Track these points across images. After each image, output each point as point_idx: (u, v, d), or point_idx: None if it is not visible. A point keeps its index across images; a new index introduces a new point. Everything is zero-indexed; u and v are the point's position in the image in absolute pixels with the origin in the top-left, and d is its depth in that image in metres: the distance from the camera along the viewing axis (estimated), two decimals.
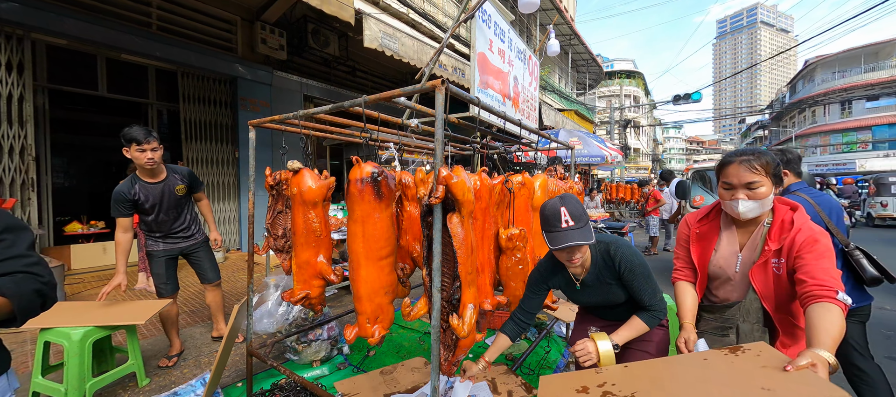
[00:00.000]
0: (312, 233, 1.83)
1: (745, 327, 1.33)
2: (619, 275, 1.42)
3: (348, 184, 1.55)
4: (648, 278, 1.41)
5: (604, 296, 1.49)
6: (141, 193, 2.53)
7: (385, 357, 2.90)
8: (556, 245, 1.31)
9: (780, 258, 1.26)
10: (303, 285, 1.84)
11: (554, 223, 1.33)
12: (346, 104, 1.64)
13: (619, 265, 1.41)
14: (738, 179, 1.29)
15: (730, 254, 1.37)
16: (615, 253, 1.43)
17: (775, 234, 1.28)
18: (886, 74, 24.71)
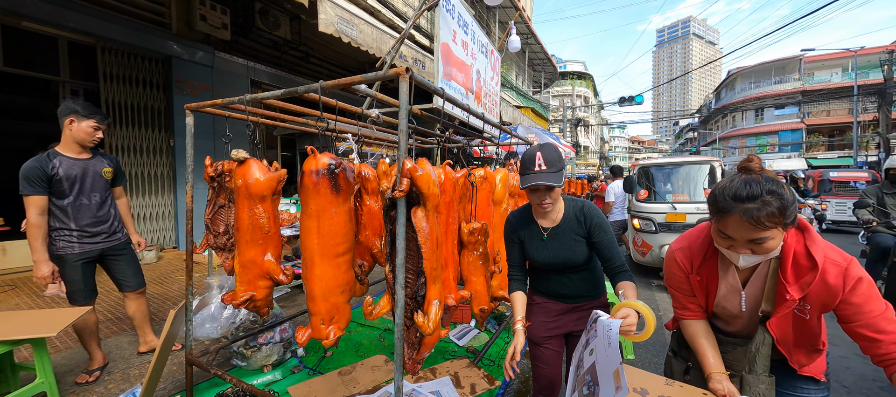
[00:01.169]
0: (259, 229, 1.68)
1: (751, 378, 1.12)
2: (589, 232, 1.49)
3: (302, 176, 1.44)
4: (614, 240, 1.51)
5: (568, 251, 1.51)
6: (61, 168, 2.20)
7: (343, 357, 2.79)
8: (526, 184, 1.40)
9: (804, 305, 1.04)
10: (247, 286, 1.69)
11: (528, 166, 1.41)
12: (300, 89, 1.52)
13: (589, 221, 1.49)
14: (741, 236, 1.01)
15: (732, 293, 1.16)
16: (588, 211, 1.52)
17: (791, 276, 1.04)
18: (790, 87, 28.48)
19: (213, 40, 5.84)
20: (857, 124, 18.35)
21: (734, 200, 1.00)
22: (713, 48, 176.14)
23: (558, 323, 1.62)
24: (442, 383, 1.91)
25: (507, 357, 1.38)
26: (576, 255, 1.52)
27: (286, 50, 7.06)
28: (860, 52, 20.37)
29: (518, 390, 2.48)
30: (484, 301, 1.86)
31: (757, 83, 31.23)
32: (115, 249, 2.45)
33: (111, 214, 2.45)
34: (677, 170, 5.29)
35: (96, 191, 2.37)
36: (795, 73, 29.16)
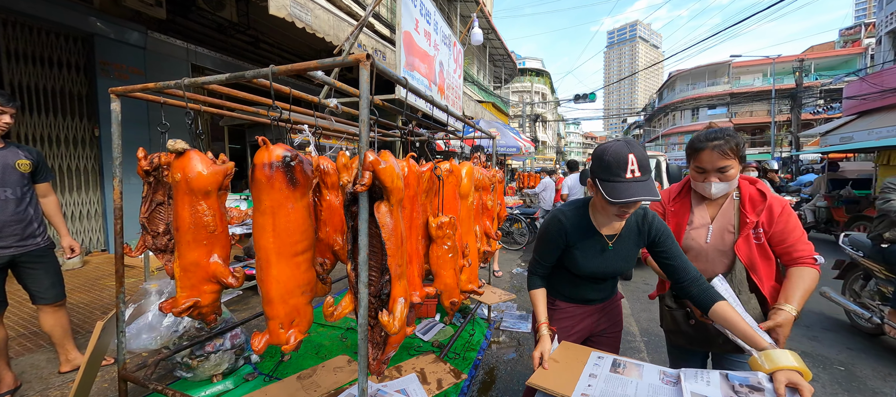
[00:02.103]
0: (203, 228, 1.52)
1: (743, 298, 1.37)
2: (651, 241, 1.33)
3: (253, 170, 1.32)
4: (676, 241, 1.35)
5: (624, 262, 1.37)
6: None
7: (303, 360, 2.65)
8: (620, 198, 1.11)
9: (758, 228, 1.37)
10: (189, 292, 1.53)
11: (618, 172, 1.13)
12: (248, 74, 1.38)
13: (651, 229, 1.32)
14: (712, 164, 1.35)
15: (701, 226, 1.45)
16: (651, 217, 1.34)
17: (750, 208, 1.39)
18: (721, 89, 31.52)
19: (146, 18, 5.24)
20: (774, 124, 20.78)
21: (706, 140, 1.38)
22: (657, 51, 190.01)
23: (582, 326, 1.49)
24: (408, 381, 1.87)
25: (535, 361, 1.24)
26: (629, 265, 1.37)
27: (233, 34, 6.53)
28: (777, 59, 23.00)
29: (484, 381, 2.51)
30: (454, 294, 1.84)
31: (693, 85, 34.20)
32: (32, 256, 2.13)
33: (28, 215, 2.12)
34: None
35: (7, 187, 2.05)
36: (725, 77, 32.31)
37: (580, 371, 1.17)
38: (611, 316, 1.53)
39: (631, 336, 3.26)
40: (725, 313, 1.16)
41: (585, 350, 1.30)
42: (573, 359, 1.24)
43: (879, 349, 3.02)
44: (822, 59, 29.58)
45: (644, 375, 1.12)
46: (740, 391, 0.98)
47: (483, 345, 2.96)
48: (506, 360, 2.78)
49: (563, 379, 1.14)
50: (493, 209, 2.81)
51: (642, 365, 1.17)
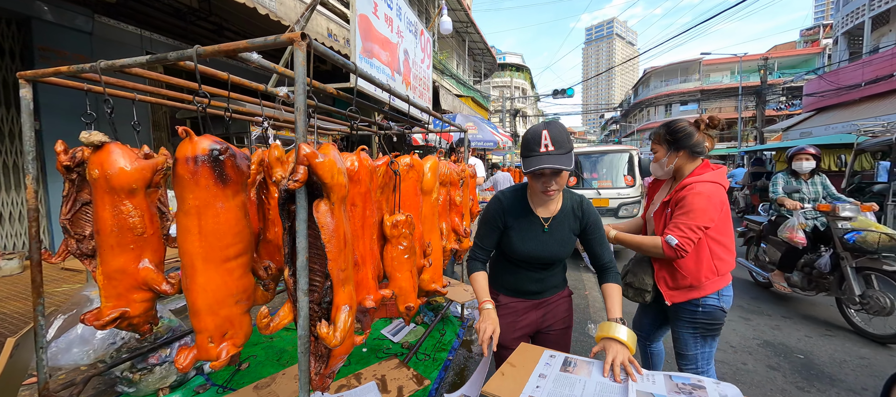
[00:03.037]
0: (129, 230, 1.35)
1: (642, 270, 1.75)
2: (585, 227, 1.43)
3: (175, 165, 1.16)
4: (604, 233, 1.47)
5: (560, 246, 1.42)
6: None
7: (262, 367, 2.49)
8: (530, 168, 1.25)
9: (668, 206, 1.60)
10: (116, 301, 1.36)
11: (532, 146, 1.27)
12: (171, 56, 1.22)
13: (585, 215, 1.42)
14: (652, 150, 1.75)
15: (656, 201, 1.76)
16: (586, 205, 1.45)
17: (673, 190, 1.62)
18: (692, 86, 32.64)
19: (92, 1, 4.82)
20: (740, 119, 21.70)
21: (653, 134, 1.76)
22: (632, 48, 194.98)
23: (526, 321, 1.51)
24: (366, 390, 1.76)
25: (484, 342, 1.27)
26: (565, 250, 1.44)
27: (193, 20, 6.13)
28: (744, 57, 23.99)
29: (453, 383, 2.43)
30: (410, 298, 1.73)
31: (667, 81, 35.27)
32: None
33: None
34: (602, 159, 5.67)
35: None
36: (696, 74, 33.46)
37: (531, 371, 1.13)
38: (556, 312, 1.53)
39: None
40: (605, 291, 1.38)
41: (539, 350, 1.27)
42: (528, 361, 1.20)
43: (834, 338, 3.13)
44: (785, 57, 31.10)
45: (593, 373, 1.13)
46: (683, 389, 1.04)
47: (455, 345, 2.87)
48: (478, 360, 2.71)
49: (515, 384, 1.09)
50: (462, 205, 2.71)
51: (592, 363, 1.19)
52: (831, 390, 2.38)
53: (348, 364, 2.52)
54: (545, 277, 1.48)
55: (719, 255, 1.56)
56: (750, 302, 3.96)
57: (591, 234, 1.43)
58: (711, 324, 1.59)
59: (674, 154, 1.62)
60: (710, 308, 1.56)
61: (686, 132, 1.58)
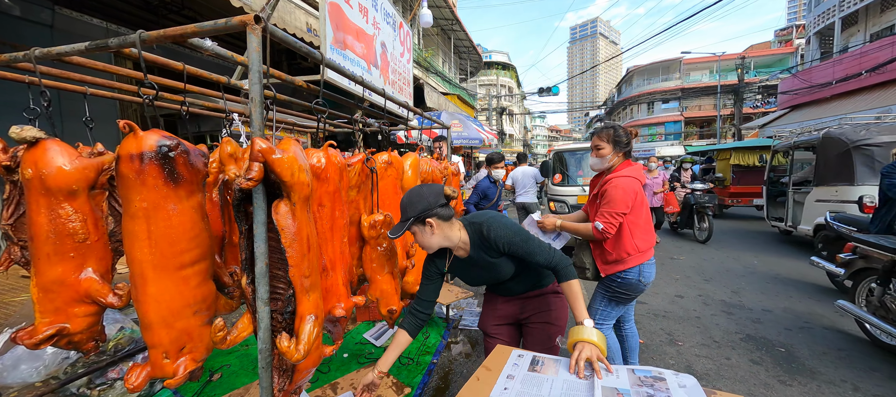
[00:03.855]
0: (68, 237, 1.22)
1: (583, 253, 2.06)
2: (501, 252, 1.42)
3: (117, 163, 1.04)
4: (528, 241, 1.40)
5: (492, 272, 1.48)
6: None
7: (236, 377, 2.36)
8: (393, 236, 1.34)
9: (598, 197, 1.93)
10: (53, 317, 1.23)
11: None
12: (112, 42, 1.09)
13: (496, 243, 1.39)
14: (593, 144, 1.99)
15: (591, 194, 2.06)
16: (488, 232, 1.40)
17: (599, 185, 1.94)
18: (672, 84, 33.37)
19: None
20: (719, 117, 22.28)
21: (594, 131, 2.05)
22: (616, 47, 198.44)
23: (503, 312, 1.64)
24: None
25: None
26: (502, 273, 1.48)
27: (165, 13, 5.86)
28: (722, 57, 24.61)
29: (437, 387, 2.35)
30: (392, 301, 1.64)
31: (649, 80, 35.95)
32: None
33: None
34: (586, 155, 5.68)
35: None
36: (677, 73, 34.22)
37: (498, 374, 1.10)
38: (537, 306, 1.60)
39: None
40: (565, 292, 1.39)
41: (509, 350, 1.25)
42: (499, 363, 1.18)
43: (813, 330, 3.19)
44: (761, 57, 32.09)
45: (560, 371, 1.13)
46: (645, 381, 1.07)
47: (439, 347, 2.79)
48: (463, 362, 2.64)
49: (485, 387, 1.06)
50: None
51: (560, 361, 1.19)
52: (812, 383, 2.40)
53: (327, 370, 2.41)
54: (513, 284, 1.57)
55: (638, 235, 1.90)
56: (731, 295, 4.01)
57: (514, 250, 1.40)
58: (623, 293, 1.95)
59: (617, 154, 1.94)
60: (629, 280, 1.90)
61: (628, 138, 1.97)
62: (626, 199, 1.82)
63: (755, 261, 5.34)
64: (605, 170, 1.97)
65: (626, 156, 1.96)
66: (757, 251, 5.98)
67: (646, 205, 1.95)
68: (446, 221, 1.37)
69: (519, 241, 1.38)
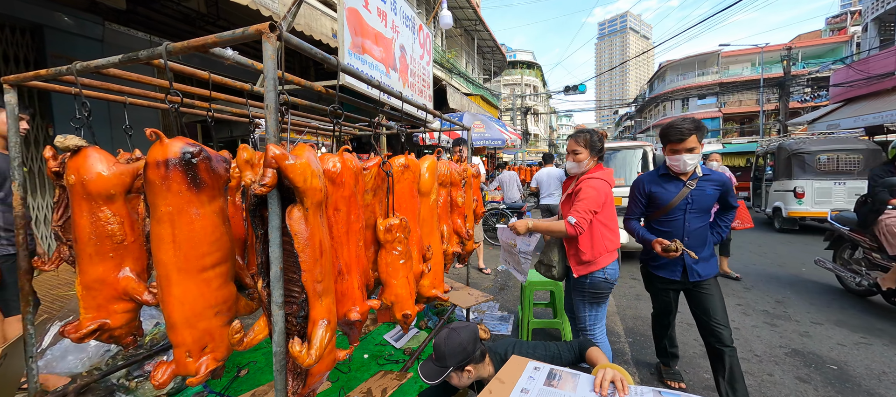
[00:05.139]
0: (107, 238, 1.30)
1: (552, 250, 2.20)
2: None
3: (145, 170, 1.09)
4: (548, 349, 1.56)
5: None
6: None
7: (261, 374, 2.44)
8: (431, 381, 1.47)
9: (572, 196, 2.06)
10: (95, 313, 1.31)
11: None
12: (141, 54, 1.15)
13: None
14: (568, 148, 2.16)
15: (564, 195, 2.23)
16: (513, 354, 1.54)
17: (574, 186, 2.09)
18: (710, 79, 31.57)
19: (103, 8, 4.90)
20: (762, 113, 20.83)
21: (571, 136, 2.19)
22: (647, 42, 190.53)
23: None
24: None
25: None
26: None
27: (202, 25, 6.19)
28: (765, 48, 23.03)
29: None
30: (407, 305, 1.63)
31: (683, 75, 34.22)
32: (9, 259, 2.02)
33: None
34: (614, 156, 5.46)
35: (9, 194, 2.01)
36: (714, 67, 32.35)
37: (511, 388, 1.07)
38: None
39: (615, 336, 3.10)
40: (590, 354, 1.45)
41: (524, 362, 1.22)
42: (513, 374, 1.15)
43: (871, 347, 2.89)
44: (810, 47, 29.73)
45: (579, 387, 1.08)
46: None
47: None
48: None
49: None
50: (464, 206, 2.60)
51: (578, 376, 1.14)
52: None
53: (347, 370, 2.45)
54: None
55: (607, 236, 2.05)
56: (775, 306, 3.72)
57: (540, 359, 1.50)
58: (597, 293, 2.08)
59: (592, 158, 2.10)
60: (596, 280, 2.04)
61: (602, 143, 2.13)
62: (599, 198, 1.98)
63: (803, 269, 4.94)
64: (579, 172, 2.13)
65: (599, 159, 2.14)
66: (805, 258, 5.53)
67: (613, 207, 2.14)
68: (480, 362, 1.49)
69: (542, 355, 1.46)
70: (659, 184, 2.14)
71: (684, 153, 1.98)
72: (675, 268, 2.13)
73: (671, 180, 2.10)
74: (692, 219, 2.06)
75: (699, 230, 2.06)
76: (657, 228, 2.16)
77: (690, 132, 1.96)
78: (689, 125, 1.97)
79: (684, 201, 2.05)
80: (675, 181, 2.09)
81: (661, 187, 2.13)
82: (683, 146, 1.98)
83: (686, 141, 1.96)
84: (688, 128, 1.96)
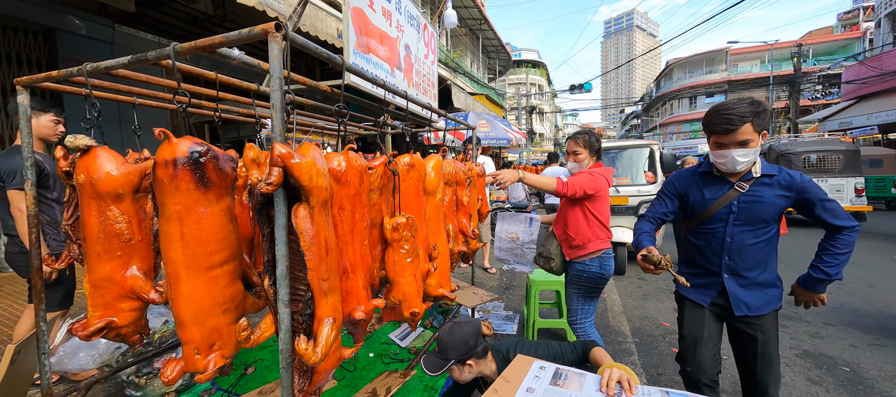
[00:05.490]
0: (115, 237, 1.32)
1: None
2: None
3: (154, 169, 1.10)
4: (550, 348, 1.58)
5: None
6: (46, 163, 2.13)
7: (268, 372, 2.46)
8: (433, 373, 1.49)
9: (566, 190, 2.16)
10: (103, 311, 1.33)
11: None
12: (150, 55, 1.17)
13: None
14: (569, 149, 2.27)
15: None
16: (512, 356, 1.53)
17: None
18: (718, 77, 31.19)
19: (113, 11, 4.98)
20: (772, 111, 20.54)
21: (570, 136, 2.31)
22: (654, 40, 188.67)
23: None
24: None
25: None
26: None
27: (209, 27, 6.26)
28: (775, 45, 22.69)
29: None
30: (414, 304, 1.64)
31: (691, 73, 33.84)
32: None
33: None
34: (620, 154, 5.41)
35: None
36: (723, 65, 31.95)
37: (517, 387, 1.07)
38: None
39: (621, 336, 3.07)
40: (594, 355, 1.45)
41: (530, 361, 1.23)
42: (519, 374, 1.15)
43: (885, 348, 2.84)
44: (821, 44, 29.23)
45: (585, 387, 1.08)
46: None
47: None
48: None
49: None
50: (469, 205, 2.60)
51: (585, 376, 1.14)
52: None
53: (353, 369, 2.46)
54: None
55: (597, 225, 2.13)
56: (785, 306, 3.67)
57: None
58: (592, 286, 2.13)
59: (591, 157, 2.21)
60: (593, 273, 2.11)
61: (599, 143, 2.25)
62: (593, 183, 2.06)
63: None
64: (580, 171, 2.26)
65: (598, 158, 2.25)
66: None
67: (607, 202, 2.19)
68: (483, 358, 1.51)
69: (544, 354, 1.46)
70: (696, 185, 1.62)
71: (734, 148, 1.42)
72: (707, 290, 1.61)
73: (714, 181, 1.57)
74: (739, 233, 1.51)
75: (750, 249, 1.51)
76: (693, 241, 1.66)
77: (745, 119, 1.38)
78: (743, 109, 1.40)
79: (726, 209, 1.53)
80: (720, 183, 1.56)
81: (697, 189, 1.61)
82: (733, 139, 1.41)
83: (737, 132, 1.40)
84: (741, 114, 1.39)
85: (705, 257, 1.60)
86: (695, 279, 1.64)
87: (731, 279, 1.55)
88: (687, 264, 1.72)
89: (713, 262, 1.58)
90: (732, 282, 1.55)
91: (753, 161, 1.48)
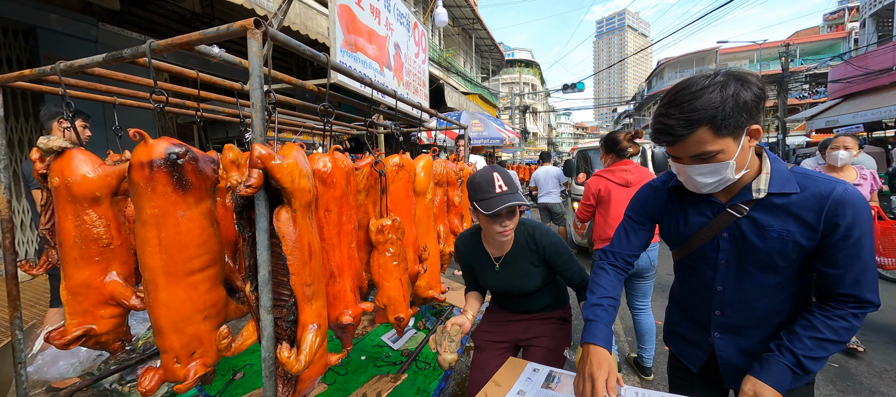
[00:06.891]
0: (93, 241, 1.27)
1: None
2: (544, 259, 1.44)
3: (130, 171, 1.06)
4: (571, 258, 1.45)
5: (520, 281, 1.48)
6: None
7: (257, 377, 2.41)
8: (492, 209, 1.27)
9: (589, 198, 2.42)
10: (81, 318, 1.28)
11: (487, 188, 1.31)
12: (125, 52, 1.12)
13: (543, 249, 1.43)
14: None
15: None
16: (540, 238, 1.44)
17: None
18: None
19: (97, 9, 4.85)
20: None
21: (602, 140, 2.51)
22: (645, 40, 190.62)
23: (508, 328, 1.61)
24: None
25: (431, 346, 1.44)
26: (528, 284, 1.48)
27: (197, 26, 6.14)
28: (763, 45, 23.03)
29: (454, 393, 2.30)
30: (400, 308, 1.61)
31: (681, 72, 34.24)
32: None
33: None
34: None
35: None
36: (713, 64, 32.37)
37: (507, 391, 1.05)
38: (541, 330, 1.57)
39: (614, 336, 3.07)
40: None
41: (523, 364, 1.20)
42: (510, 377, 1.13)
43: (873, 344, 2.88)
44: (808, 43, 29.75)
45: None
46: None
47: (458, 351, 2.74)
48: None
49: None
50: (461, 205, 2.58)
51: None
52: None
53: (344, 373, 2.42)
54: (530, 301, 1.56)
55: (602, 226, 2.33)
56: None
57: (554, 262, 1.45)
58: None
59: (609, 156, 2.35)
60: None
61: (613, 141, 2.33)
62: (586, 193, 2.36)
63: None
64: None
65: (619, 155, 2.30)
66: None
67: (614, 206, 2.24)
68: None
69: (563, 252, 1.43)
70: (673, 206, 1.04)
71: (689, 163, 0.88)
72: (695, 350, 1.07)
73: (698, 200, 0.98)
74: (733, 278, 0.95)
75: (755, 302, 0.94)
76: (681, 276, 1.12)
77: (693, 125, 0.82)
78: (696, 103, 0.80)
79: (712, 244, 0.97)
80: (706, 202, 0.97)
81: (675, 211, 1.04)
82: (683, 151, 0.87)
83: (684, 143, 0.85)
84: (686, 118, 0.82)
85: (693, 304, 1.07)
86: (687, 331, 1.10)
87: (725, 340, 0.99)
88: (676, 304, 1.16)
89: (701, 313, 1.04)
90: (726, 345, 0.99)
91: (731, 179, 0.86)
